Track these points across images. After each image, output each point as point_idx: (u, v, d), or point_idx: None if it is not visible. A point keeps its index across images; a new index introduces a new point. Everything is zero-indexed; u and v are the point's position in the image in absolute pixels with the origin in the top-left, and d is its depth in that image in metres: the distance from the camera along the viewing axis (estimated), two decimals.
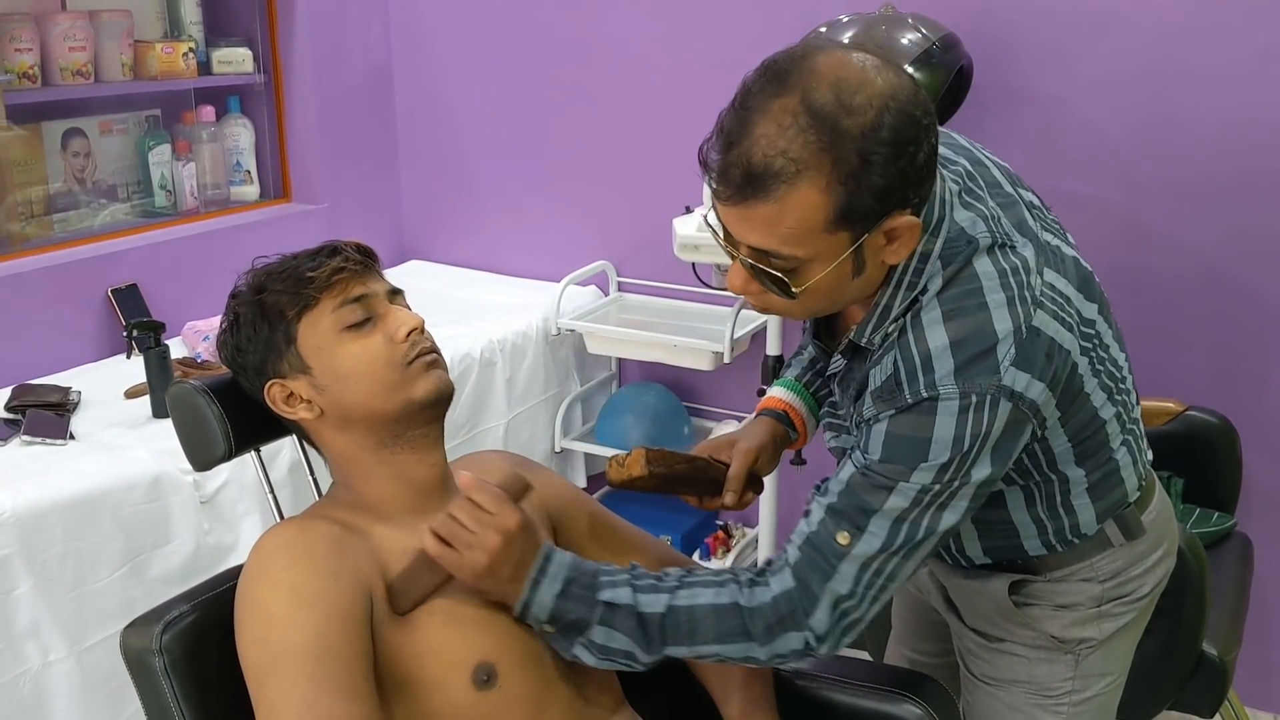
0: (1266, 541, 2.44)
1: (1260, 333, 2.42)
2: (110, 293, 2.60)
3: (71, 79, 2.61)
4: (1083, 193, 2.49)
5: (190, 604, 1.31)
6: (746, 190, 1.09)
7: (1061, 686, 1.42)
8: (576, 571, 1.28)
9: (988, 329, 1.14)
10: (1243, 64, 2.30)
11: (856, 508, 1.18)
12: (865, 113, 1.07)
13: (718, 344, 2.65)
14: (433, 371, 1.35)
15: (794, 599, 1.21)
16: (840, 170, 1.07)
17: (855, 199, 1.08)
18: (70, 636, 1.93)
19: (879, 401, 1.18)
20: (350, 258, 1.35)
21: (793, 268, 1.13)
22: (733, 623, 1.23)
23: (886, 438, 1.17)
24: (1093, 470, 1.32)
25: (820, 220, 1.09)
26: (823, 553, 1.20)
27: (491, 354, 2.74)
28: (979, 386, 1.13)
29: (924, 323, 1.17)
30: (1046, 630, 1.39)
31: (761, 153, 1.07)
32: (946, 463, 1.15)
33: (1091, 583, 1.38)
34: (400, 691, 1.25)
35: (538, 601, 1.26)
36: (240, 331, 1.36)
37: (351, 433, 1.34)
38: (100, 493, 1.97)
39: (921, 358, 1.15)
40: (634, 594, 1.26)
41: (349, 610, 1.21)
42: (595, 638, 1.27)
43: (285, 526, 1.29)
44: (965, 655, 1.51)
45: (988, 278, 1.17)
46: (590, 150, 3.05)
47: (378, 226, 3.31)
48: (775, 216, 1.09)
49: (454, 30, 3.15)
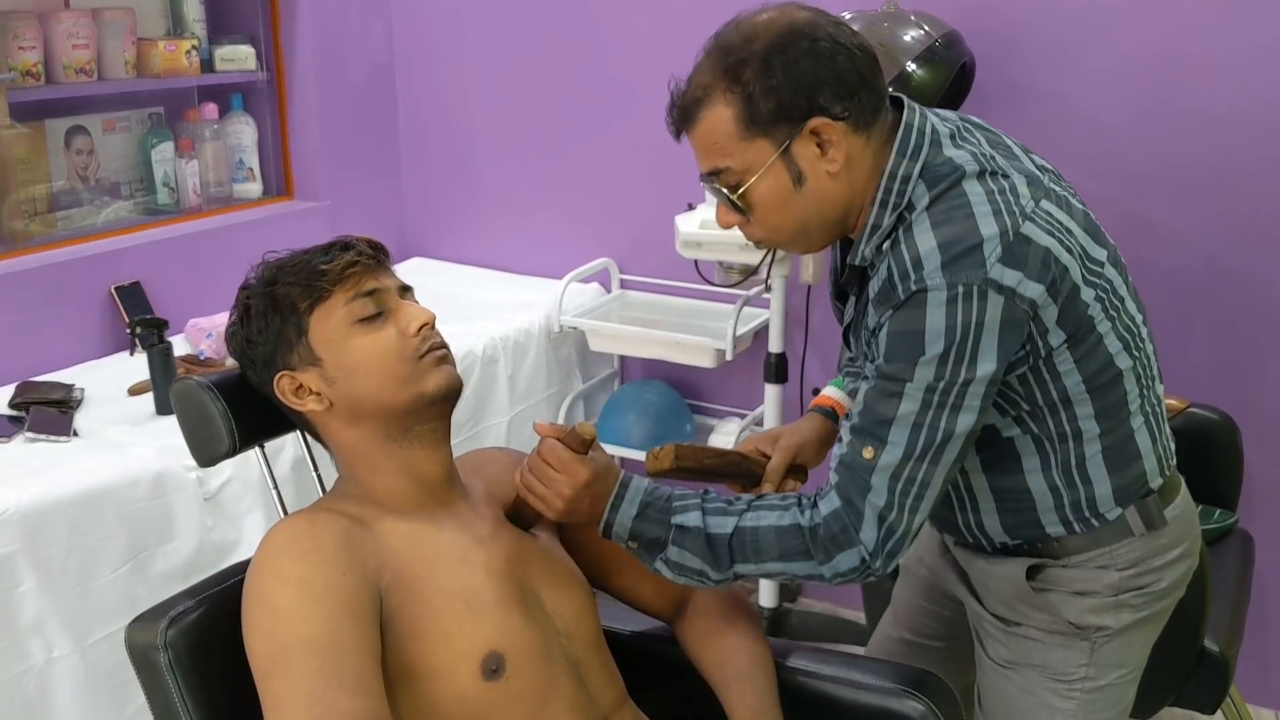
0: (1268, 538, 2.44)
1: (1262, 329, 2.42)
2: (113, 290, 2.60)
3: (75, 77, 2.62)
4: (1085, 188, 2.45)
5: (195, 599, 1.31)
6: (684, 122, 1.33)
7: (1076, 672, 1.44)
8: (651, 496, 1.37)
9: (974, 232, 1.24)
10: (1246, 59, 2.30)
11: (874, 421, 1.27)
12: (760, 39, 1.28)
13: (720, 341, 2.65)
14: (443, 366, 1.36)
15: (842, 517, 1.29)
16: (736, 83, 1.27)
17: (755, 105, 1.27)
18: (74, 633, 1.94)
19: (879, 306, 1.28)
20: (363, 252, 1.37)
21: (735, 181, 1.32)
22: (794, 542, 1.32)
23: (888, 338, 1.26)
24: (1108, 432, 1.35)
25: (733, 129, 1.29)
26: (855, 470, 1.29)
27: (494, 351, 2.74)
28: (964, 279, 1.22)
29: (914, 231, 1.27)
30: (1063, 615, 1.42)
31: (690, 92, 1.32)
32: (943, 353, 1.22)
33: (1109, 570, 1.40)
34: (406, 681, 1.26)
35: (618, 522, 1.37)
36: (251, 323, 1.37)
37: (361, 426, 1.35)
38: (104, 489, 1.97)
39: (911, 259, 1.25)
40: (703, 517, 1.35)
41: (357, 604, 1.21)
42: (671, 556, 1.36)
43: (294, 520, 1.29)
44: (983, 638, 1.53)
45: (975, 196, 1.27)
46: (592, 147, 3.05)
47: (380, 224, 3.31)
48: (704, 136, 1.31)
49: (456, 27, 3.16)
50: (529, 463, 1.39)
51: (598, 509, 1.38)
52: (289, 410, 1.38)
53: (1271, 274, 2.39)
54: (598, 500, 1.37)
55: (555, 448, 1.37)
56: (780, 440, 1.59)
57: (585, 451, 1.38)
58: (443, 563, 1.32)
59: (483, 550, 1.36)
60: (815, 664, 1.49)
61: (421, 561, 1.31)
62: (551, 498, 1.37)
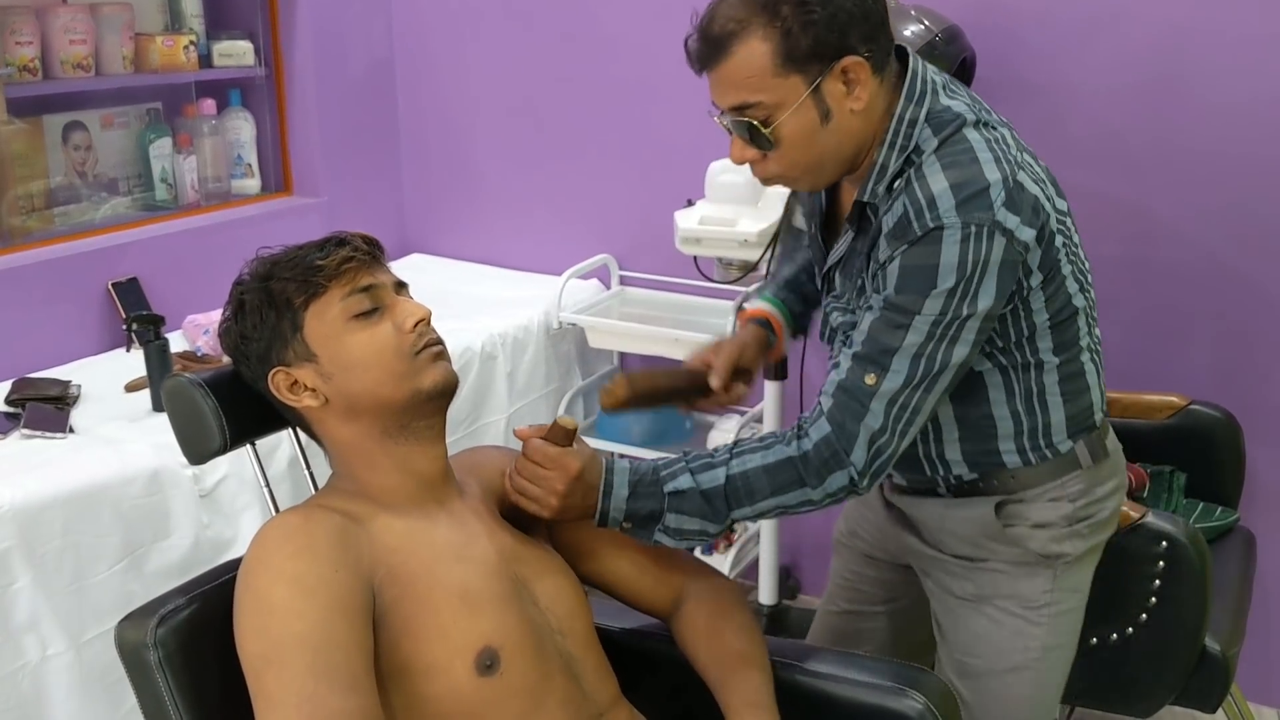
0: (1270, 536, 2.43)
1: (1264, 326, 2.41)
2: (111, 286, 2.60)
3: (72, 72, 2.61)
4: (1087, 185, 2.47)
5: (186, 597, 1.30)
6: (712, 55, 1.33)
7: (1042, 598, 1.55)
8: (638, 474, 1.41)
9: (981, 176, 1.31)
10: (1250, 52, 2.29)
11: (880, 350, 1.34)
12: None
13: (719, 337, 2.63)
14: (439, 363, 1.35)
15: (833, 442, 1.36)
16: (775, 18, 1.29)
17: (794, 41, 1.29)
18: (69, 630, 1.93)
19: (892, 241, 1.34)
20: (359, 248, 1.36)
21: (764, 116, 1.34)
22: (787, 474, 1.38)
23: (900, 271, 1.32)
24: (1064, 364, 1.47)
25: (768, 64, 1.31)
26: (854, 395, 1.35)
27: (493, 348, 2.74)
28: (976, 219, 1.29)
29: (925, 172, 1.33)
30: (1030, 547, 1.53)
31: (719, 24, 1.32)
32: (953, 288, 1.30)
33: (1061, 501, 1.52)
34: (398, 678, 1.25)
35: (613, 507, 1.40)
36: (246, 319, 1.36)
37: (357, 422, 1.34)
38: (100, 486, 1.96)
39: (926, 198, 1.31)
40: (692, 477, 1.40)
41: (351, 601, 1.21)
42: (669, 523, 1.41)
43: (287, 516, 1.28)
44: (945, 580, 1.62)
45: (976, 143, 1.35)
46: (592, 143, 3.04)
47: (379, 220, 3.31)
48: (735, 70, 1.32)
49: (456, 23, 3.15)
50: (517, 467, 1.41)
51: (590, 500, 1.40)
52: (283, 407, 1.37)
53: (1274, 270, 2.37)
54: (590, 491, 1.40)
55: (541, 446, 1.39)
56: (723, 348, 1.65)
57: (570, 443, 1.39)
58: (438, 559, 1.31)
59: (478, 547, 1.35)
60: (812, 661, 1.48)
61: (416, 558, 1.30)
62: (545, 496, 1.38)
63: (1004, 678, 1.57)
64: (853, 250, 1.47)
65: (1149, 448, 2.30)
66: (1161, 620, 1.91)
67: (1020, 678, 1.57)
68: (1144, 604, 1.92)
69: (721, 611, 1.49)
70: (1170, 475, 2.28)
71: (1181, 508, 2.25)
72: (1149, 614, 1.92)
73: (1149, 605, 1.92)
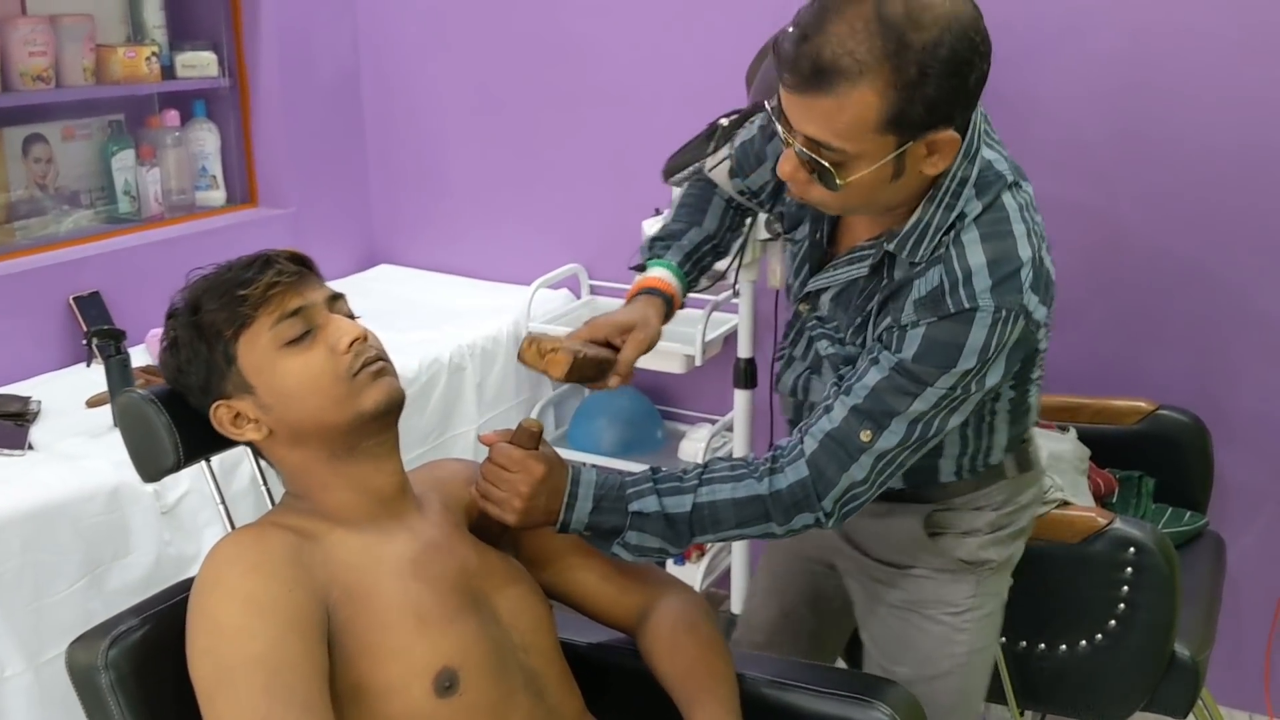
0: (1239, 540, 2.44)
1: (1231, 331, 2.42)
2: (72, 300, 2.56)
3: (32, 84, 2.57)
4: (1055, 193, 2.46)
5: (139, 618, 1.28)
6: (813, 82, 1.20)
7: (966, 604, 1.57)
8: (604, 489, 1.39)
9: (1014, 254, 1.29)
10: (1219, 59, 2.30)
11: (883, 411, 1.32)
12: (930, 29, 1.17)
13: (689, 347, 2.63)
14: (380, 380, 1.31)
15: (808, 486, 1.35)
16: (899, 78, 1.17)
17: (908, 106, 1.19)
18: (28, 650, 1.90)
19: (922, 309, 1.30)
20: (284, 270, 1.31)
21: (840, 161, 1.24)
22: (753, 510, 1.37)
23: (925, 340, 1.29)
24: (1017, 396, 1.48)
25: (873, 120, 1.20)
26: (844, 446, 1.33)
27: (461, 359, 2.72)
28: (1008, 303, 1.27)
29: (964, 242, 1.30)
30: (957, 555, 1.55)
31: (831, 50, 1.18)
32: (970, 369, 1.29)
33: (985, 510, 1.54)
34: (355, 699, 1.23)
35: (575, 519, 1.38)
36: (180, 353, 1.33)
37: (304, 448, 1.32)
38: (58, 504, 1.94)
39: (963, 273, 1.28)
40: (659, 499, 1.38)
41: (306, 620, 1.18)
42: (630, 540, 1.39)
43: (240, 534, 1.26)
44: (875, 586, 1.63)
45: (1012, 210, 1.32)
46: (560, 153, 3.03)
47: (346, 231, 3.28)
48: (834, 110, 1.20)
49: (422, 32, 3.13)
50: (483, 470, 1.38)
51: (555, 504, 1.38)
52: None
53: (1241, 276, 2.38)
54: (554, 495, 1.37)
55: (506, 449, 1.37)
56: (635, 332, 1.52)
57: (536, 446, 1.37)
58: (394, 577, 1.29)
59: (436, 563, 1.33)
60: (778, 674, 1.47)
61: (371, 576, 1.28)
62: (509, 499, 1.36)
63: (932, 684, 1.58)
64: (854, 284, 1.42)
65: (1117, 453, 2.31)
66: (1131, 626, 1.91)
67: (947, 683, 1.59)
68: (1113, 610, 1.92)
69: (687, 625, 1.47)
70: (1139, 480, 2.29)
71: (1150, 513, 2.25)
72: (1118, 620, 1.92)
73: (1118, 611, 1.92)
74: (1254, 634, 2.53)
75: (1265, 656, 2.53)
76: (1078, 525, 1.93)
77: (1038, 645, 1.98)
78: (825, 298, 1.48)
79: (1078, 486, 2.13)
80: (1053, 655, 1.97)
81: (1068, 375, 2.53)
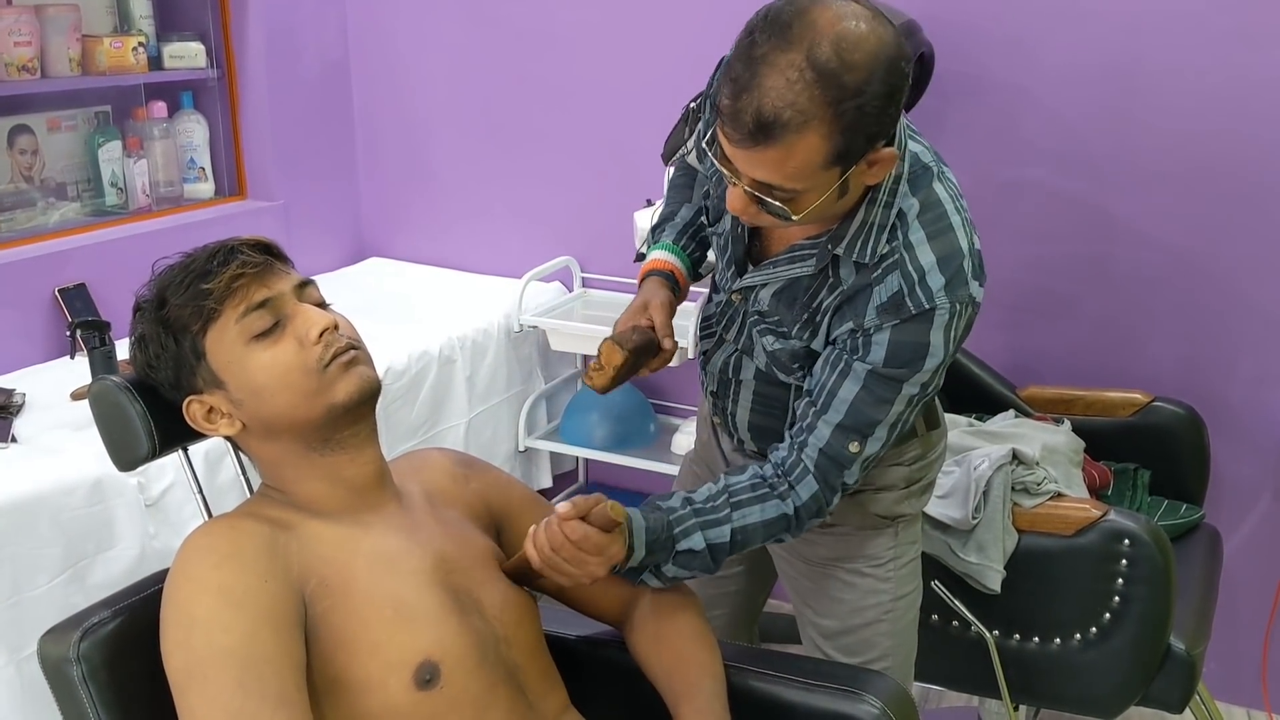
0: (1235, 533, 2.42)
1: (1226, 322, 2.40)
2: (58, 292, 2.54)
3: (17, 75, 2.54)
4: (1047, 182, 2.46)
5: (111, 610, 1.25)
6: (758, 136, 1.22)
7: (887, 555, 1.66)
8: (655, 533, 1.40)
9: (957, 247, 1.36)
10: (1207, 49, 2.28)
11: (865, 423, 1.40)
12: (862, 69, 1.20)
13: (682, 340, 2.59)
14: (353, 370, 1.27)
15: (820, 497, 1.45)
16: (840, 121, 1.21)
17: (851, 142, 1.24)
18: (9, 644, 1.88)
19: (884, 314, 1.36)
20: (249, 260, 1.27)
21: (790, 198, 1.29)
22: (779, 525, 1.45)
23: (890, 344, 1.36)
24: None
25: (819, 161, 1.24)
26: (838, 461, 1.43)
27: (451, 352, 2.69)
28: (959, 297, 1.35)
29: (913, 243, 1.36)
30: (874, 511, 1.63)
31: (771, 104, 1.20)
32: (938, 364, 1.38)
33: (899, 466, 1.62)
34: (333, 693, 1.20)
35: (628, 567, 1.39)
36: (148, 348, 1.29)
37: (278, 441, 1.29)
38: (39, 497, 1.90)
39: (918, 274, 1.35)
40: (703, 534, 1.42)
41: (280, 613, 1.16)
42: (667, 572, 1.43)
43: (213, 525, 1.24)
44: (799, 545, 1.69)
45: (946, 201, 1.38)
46: (551, 145, 3.00)
47: (335, 223, 3.26)
48: (781, 159, 1.24)
49: (412, 23, 3.10)
50: (554, 545, 1.31)
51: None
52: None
53: (1234, 266, 2.36)
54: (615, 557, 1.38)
55: (589, 534, 1.31)
56: (652, 303, 1.62)
57: (613, 530, 1.33)
58: (371, 569, 1.26)
59: (415, 555, 1.30)
60: (765, 667, 1.45)
61: (349, 568, 1.25)
62: (583, 576, 1.35)
63: (862, 632, 1.68)
64: (798, 282, 1.45)
65: (1113, 445, 2.29)
66: (1125, 619, 1.89)
67: (878, 629, 1.67)
68: (1108, 603, 1.90)
69: (674, 618, 1.45)
70: (1134, 473, 2.27)
71: (1146, 505, 2.23)
72: (1112, 613, 1.90)
73: (1113, 605, 1.90)
74: (1250, 628, 2.51)
75: (1262, 650, 2.51)
76: (1072, 518, 1.91)
77: (1032, 639, 1.96)
78: (765, 293, 1.49)
79: (1072, 479, 2.11)
80: (1047, 649, 1.96)
81: (1062, 367, 2.51)
